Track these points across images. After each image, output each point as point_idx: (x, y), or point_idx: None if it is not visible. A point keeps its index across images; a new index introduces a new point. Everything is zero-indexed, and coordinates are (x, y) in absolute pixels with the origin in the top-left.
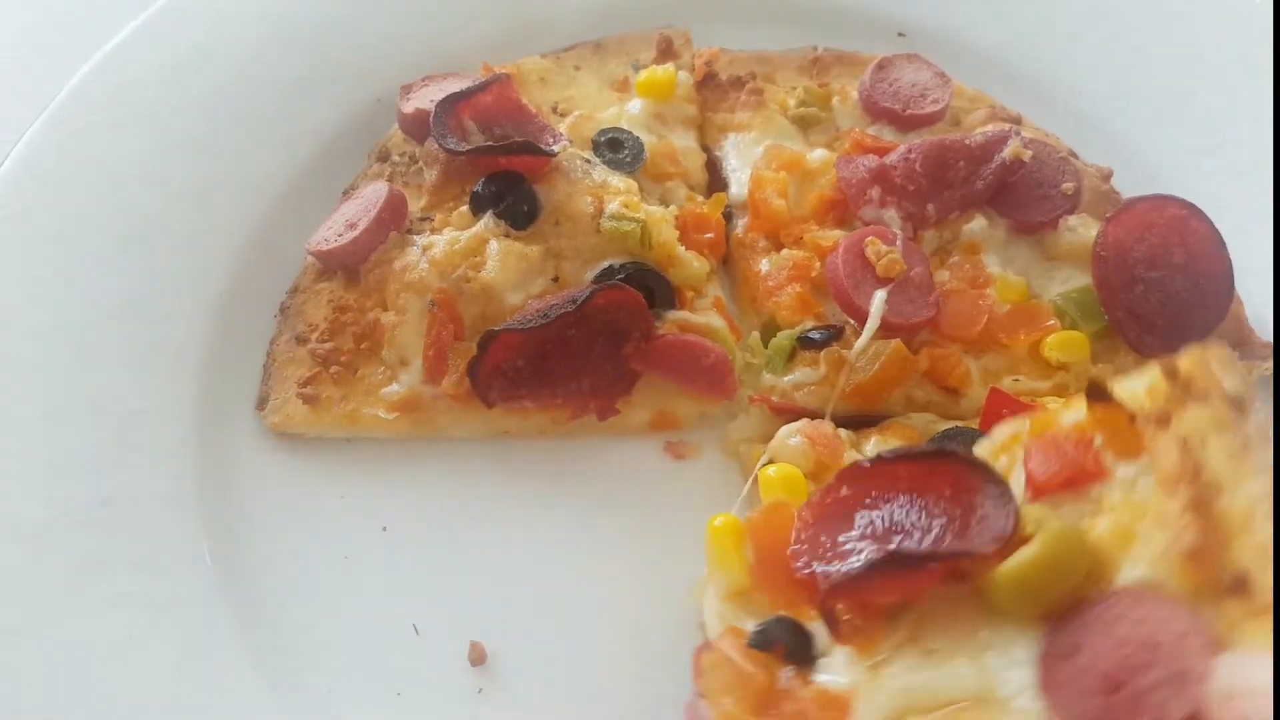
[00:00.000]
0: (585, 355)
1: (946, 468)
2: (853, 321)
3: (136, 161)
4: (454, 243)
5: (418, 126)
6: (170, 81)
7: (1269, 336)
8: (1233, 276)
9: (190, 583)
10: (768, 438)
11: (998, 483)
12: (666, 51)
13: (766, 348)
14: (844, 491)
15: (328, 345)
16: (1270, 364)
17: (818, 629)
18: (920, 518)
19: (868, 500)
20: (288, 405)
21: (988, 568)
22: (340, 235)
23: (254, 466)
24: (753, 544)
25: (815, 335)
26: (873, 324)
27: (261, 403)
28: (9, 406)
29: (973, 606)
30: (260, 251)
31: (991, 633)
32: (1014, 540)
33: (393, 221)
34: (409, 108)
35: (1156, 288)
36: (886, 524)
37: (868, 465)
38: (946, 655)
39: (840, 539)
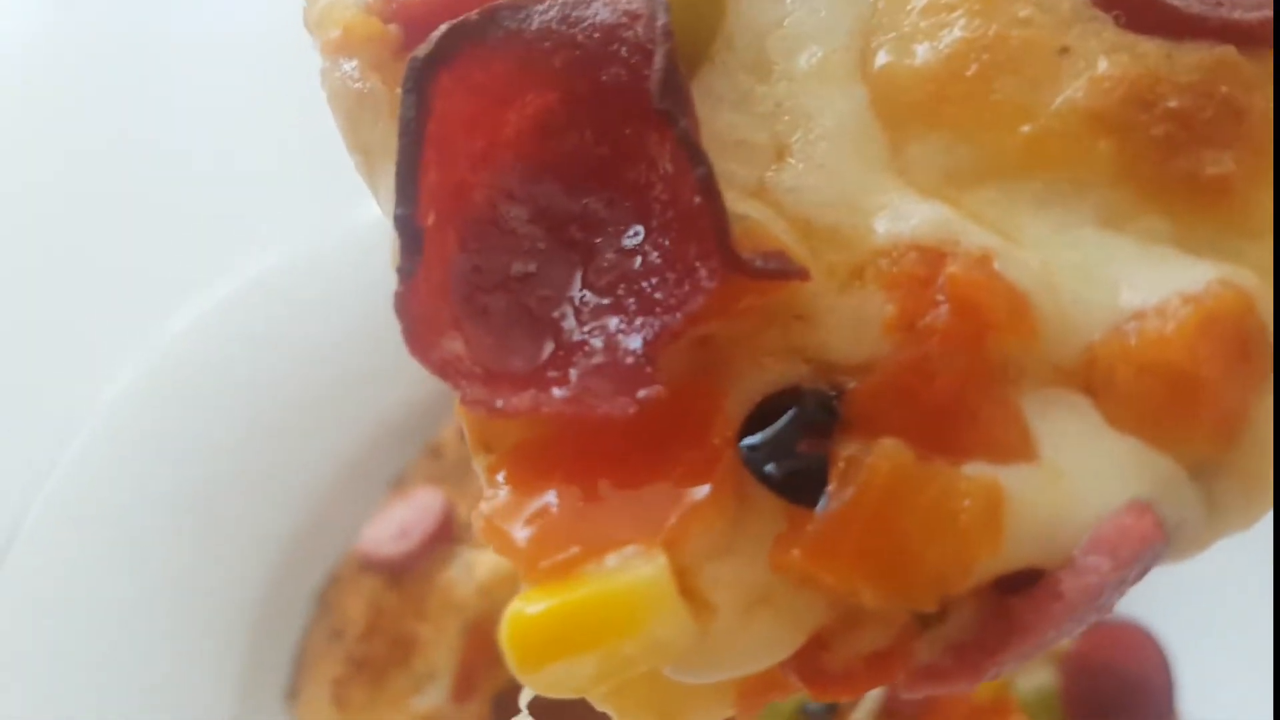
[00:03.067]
0: None
1: None
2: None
3: (201, 445)
4: (500, 566)
5: None
6: (244, 362)
7: None
8: (1172, 696)
9: None
10: None
11: None
12: None
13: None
14: None
15: (364, 647)
16: None
17: None
18: None
19: None
20: (317, 703)
21: None
22: (393, 541)
23: None
24: None
25: (815, 709)
26: (870, 704)
27: (293, 695)
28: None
29: None
30: (301, 536)
31: None
32: None
33: (445, 536)
34: None
35: (1113, 701)
36: None
37: None
38: None
39: None
